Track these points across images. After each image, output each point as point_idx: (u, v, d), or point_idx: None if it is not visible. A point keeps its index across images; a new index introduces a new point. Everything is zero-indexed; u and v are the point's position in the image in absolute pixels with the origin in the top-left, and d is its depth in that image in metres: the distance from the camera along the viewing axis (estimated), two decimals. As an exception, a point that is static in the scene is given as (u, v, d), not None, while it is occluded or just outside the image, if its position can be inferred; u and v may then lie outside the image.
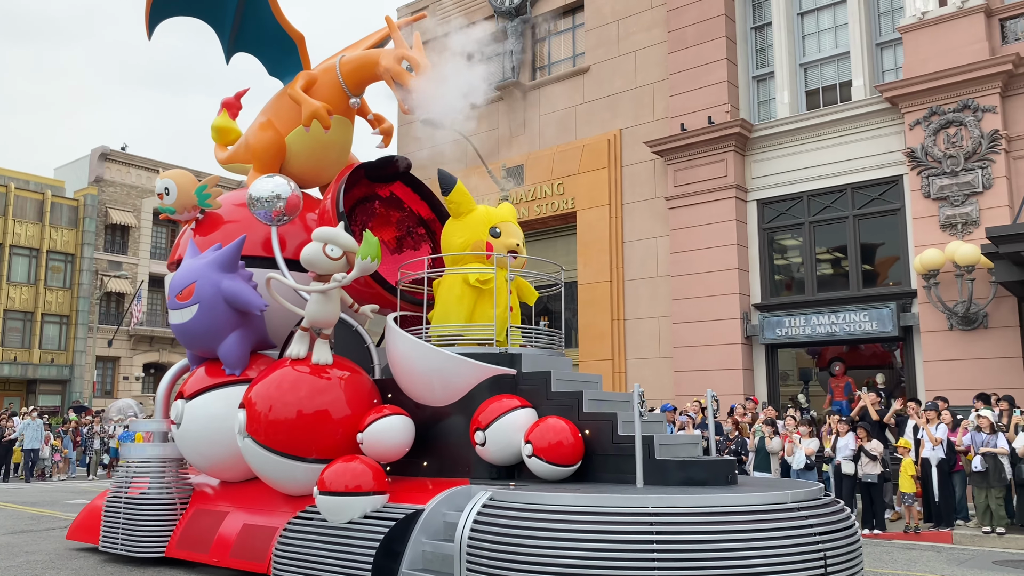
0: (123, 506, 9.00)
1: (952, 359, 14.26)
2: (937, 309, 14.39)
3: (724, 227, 17.22)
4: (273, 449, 7.52)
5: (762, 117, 17.97)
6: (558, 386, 7.48)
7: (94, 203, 39.00)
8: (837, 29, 17.27)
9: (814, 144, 16.69)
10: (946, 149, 14.65)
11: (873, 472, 11.84)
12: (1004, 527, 11.13)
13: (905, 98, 15.16)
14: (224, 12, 9.65)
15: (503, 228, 8.35)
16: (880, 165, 15.88)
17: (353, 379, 7.94)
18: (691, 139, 17.64)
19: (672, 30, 18.69)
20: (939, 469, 11.79)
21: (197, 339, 8.66)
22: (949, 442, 11.86)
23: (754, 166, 17.53)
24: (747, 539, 5.51)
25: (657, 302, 18.17)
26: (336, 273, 7.76)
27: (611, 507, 5.74)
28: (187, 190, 9.20)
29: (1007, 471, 11.18)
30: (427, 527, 6.68)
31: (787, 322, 16.41)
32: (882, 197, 15.97)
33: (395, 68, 8.70)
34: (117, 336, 38.56)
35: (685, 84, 18.21)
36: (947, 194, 14.58)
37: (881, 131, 15.91)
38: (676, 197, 17.99)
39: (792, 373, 17.54)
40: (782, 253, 17.52)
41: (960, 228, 14.38)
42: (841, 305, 15.92)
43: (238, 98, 10.96)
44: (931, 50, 15.04)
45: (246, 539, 7.91)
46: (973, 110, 14.48)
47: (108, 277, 38.54)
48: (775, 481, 8.19)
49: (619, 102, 19.63)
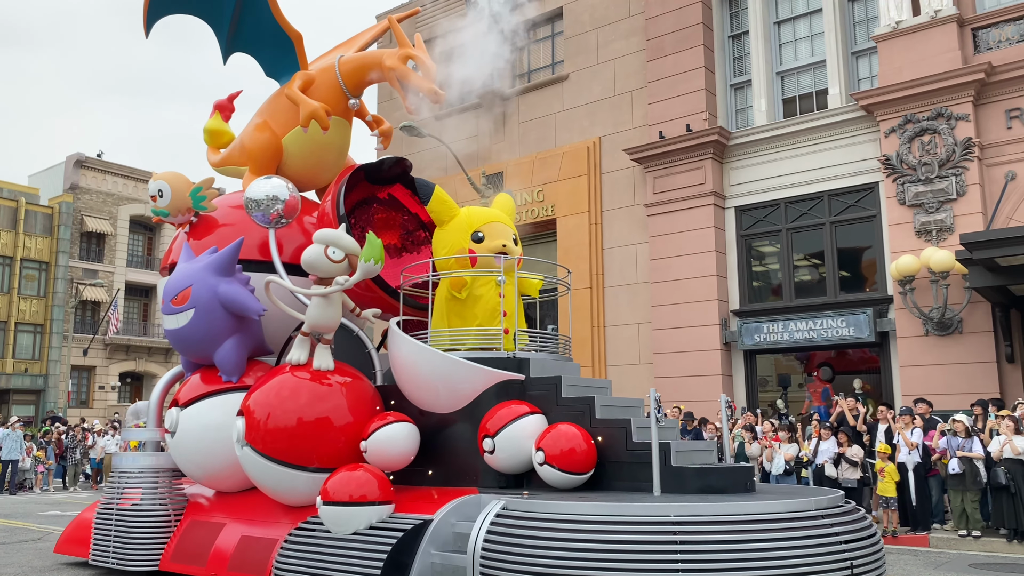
0: (114, 518, 8.67)
1: (928, 364, 14.41)
2: (913, 315, 14.54)
3: (702, 234, 17.32)
4: (273, 458, 7.30)
5: (740, 125, 18.11)
6: (568, 392, 7.28)
7: (69, 210, 38.56)
8: (813, 38, 17.46)
9: (791, 152, 16.85)
10: (921, 156, 14.83)
11: (853, 477, 11.93)
12: (980, 530, 11.24)
13: (880, 106, 15.34)
14: (222, 10, 9.41)
15: (487, 230, 8.08)
16: (856, 172, 16.05)
17: (355, 385, 7.72)
18: (669, 147, 17.74)
19: (650, 38, 18.80)
20: (915, 473, 11.90)
21: (193, 345, 8.41)
22: (924, 446, 11.97)
23: (732, 173, 17.66)
24: (774, 548, 5.36)
25: (637, 309, 18.23)
26: (338, 276, 7.54)
27: (633, 516, 5.57)
28: (181, 192, 8.93)
29: (983, 475, 11.30)
30: (436, 538, 6.47)
31: (765, 328, 16.52)
32: (858, 204, 16.13)
33: (401, 68, 8.52)
34: (92, 345, 38.11)
35: (663, 92, 18.32)
36: (922, 201, 14.75)
37: (857, 139, 16.09)
38: (655, 204, 18.08)
39: (771, 379, 17.65)
40: (760, 260, 17.65)
41: (935, 234, 14.56)
42: (819, 311, 16.05)
43: (231, 100, 10.68)
44: (905, 59, 15.23)
45: (244, 552, 7.64)
46: (947, 118, 14.68)
47: (83, 285, 38.09)
48: (791, 488, 7.97)
49: (598, 110, 19.72)
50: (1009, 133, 14.42)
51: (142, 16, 9.35)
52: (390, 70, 8.66)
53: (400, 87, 8.75)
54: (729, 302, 17.31)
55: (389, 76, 8.72)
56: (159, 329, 40.96)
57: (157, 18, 9.47)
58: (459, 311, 8.02)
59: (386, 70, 8.72)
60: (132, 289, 40.94)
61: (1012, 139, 14.38)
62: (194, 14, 9.64)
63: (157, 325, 41.08)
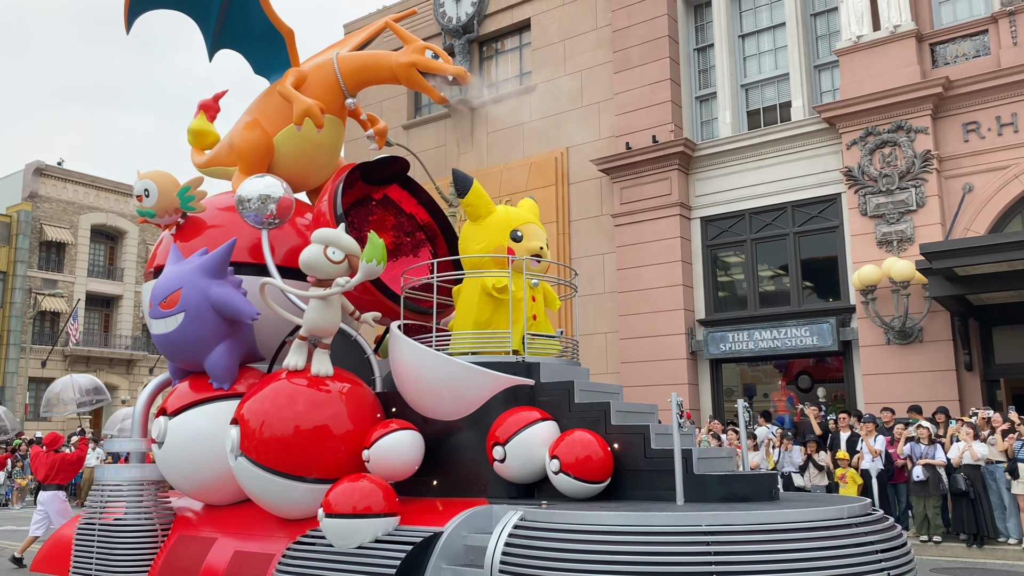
0: (97, 533, 8.24)
1: (889, 372, 14.63)
2: (875, 324, 14.76)
3: (669, 244, 17.45)
4: (269, 468, 6.97)
5: (705, 136, 18.30)
6: (581, 397, 6.98)
7: (28, 219, 37.80)
8: (777, 51, 17.72)
9: (755, 163, 17.06)
10: (881, 168, 15.10)
11: (821, 484, 12.05)
12: (940, 536, 11.40)
13: (842, 119, 15.61)
14: (209, 6, 9.08)
15: (525, 230, 7.77)
16: (819, 184, 16.30)
17: (355, 392, 7.39)
18: (636, 158, 17.87)
19: (617, 50, 18.96)
20: (879, 480, 12.05)
21: (182, 350, 8.03)
22: (887, 453, 12.14)
23: (697, 184, 17.83)
24: (812, 557, 5.14)
25: (604, 318, 18.29)
26: (338, 278, 7.18)
27: (662, 527, 5.30)
28: (168, 192, 8.52)
29: (944, 481, 11.47)
30: (447, 551, 6.12)
31: (731, 337, 16.66)
32: (821, 215, 16.37)
33: (422, 59, 8.31)
34: (51, 356, 37.32)
35: (630, 103, 18.47)
36: (883, 212, 15.01)
37: (820, 150, 16.34)
38: (622, 215, 18.18)
39: (736, 389, 17.79)
40: (725, 270, 17.82)
41: (896, 245, 14.81)
42: (783, 320, 16.23)
43: (216, 100, 10.28)
44: (866, 73, 15.52)
45: (238, 568, 7.25)
46: (906, 131, 14.97)
47: (42, 295, 37.32)
48: (813, 496, 7.68)
49: (566, 120, 19.80)
50: (966, 146, 14.74)
51: (123, 12, 9.04)
52: (410, 65, 8.40)
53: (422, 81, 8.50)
54: (695, 311, 17.45)
55: (407, 72, 8.46)
56: (121, 340, 40.25)
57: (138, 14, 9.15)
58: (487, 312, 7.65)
59: (403, 67, 8.47)
60: (93, 299, 40.18)
61: (969, 152, 14.69)
62: (178, 9, 9.27)
63: (119, 336, 40.36)
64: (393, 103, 22.69)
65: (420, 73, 8.59)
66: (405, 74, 8.58)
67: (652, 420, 7.34)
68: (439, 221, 9.70)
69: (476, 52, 22.19)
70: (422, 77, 8.57)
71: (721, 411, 16.92)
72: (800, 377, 16.68)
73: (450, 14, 22.05)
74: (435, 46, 8.53)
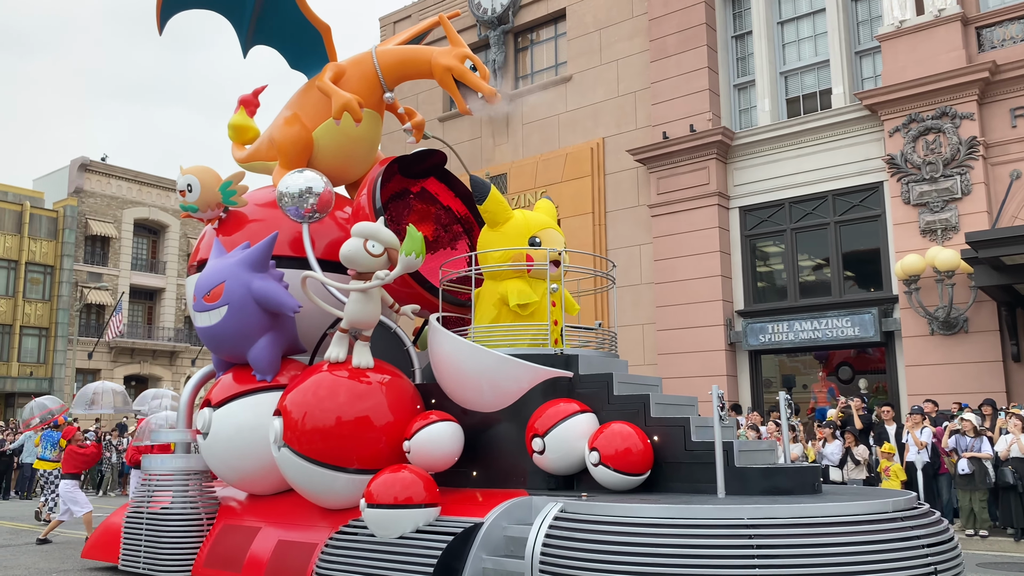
0: (145, 522, 8.42)
1: (934, 363, 14.38)
2: (918, 314, 14.50)
3: (707, 234, 17.30)
4: (312, 459, 7.07)
5: (743, 125, 18.09)
6: (620, 389, 7.00)
7: (74, 214, 38.61)
8: (816, 38, 17.44)
9: (795, 151, 16.82)
10: (925, 156, 14.81)
11: (859, 477, 11.90)
12: (987, 530, 11.20)
13: (884, 105, 15.32)
14: (243, 3, 9.18)
15: (543, 236, 7.84)
16: (860, 172, 16.03)
17: (395, 383, 7.48)
18: (673, 147, 17.72)
19: (654, 39, 18.80)
20: (924, 472, 11.86)
21: (226, 343, 8.17)
22: (933, 445, 11.94)
23: (736, 173, 17.64)
24: (855, 551, 5.09)
25: (641, 309, 18.20)
26: (378, 271, 7.27)
27: (704, 519, 5.28)
28: (211, 187, 8.71)
29: (991, 474, 11.26)
30: (487, 542, 6.17)
31: (770, 328, 16.49)
32: (863, 203, 16.10)
33: (459, 67, 8.39)
34: (97, 348, 38.15)
35: (667, 93, 18.31)
36: (927, 200, 14.72)
37: (861, 138, 16.06)
38: (659, 205, 18.06)
39: (775, 380, 17.61)
40: (764, 260, 17.62)
41: (940, 234, 14.52)
42: (823, 311, 16.02)
43: (255, 95, 10.37)
44: (909, 58, 15.21)
45: (282, 557, 7.38)
46: (951, 117, 14.65)
47: (88, 289, 38.13)
48: (857, 490, 7.63)
49: (602, 111, 19.71)
50: (1014, 132, 14.39)
51: (155, 13, 9.15)
52: (447, 69, 8.45)
53: (454, 86, 8.54)
54: (734, 302, 17.29)
55: (443, 75, 8.51)
56: (164, 332, 41.01)
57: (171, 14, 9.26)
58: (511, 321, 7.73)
59: (440, 68, 8.51)
60: (136, 292, 40.96)
61: (1017, 137, 14.34)
62: (211, 8, 9.37)
63: (162, 328, 41.12)
64: (428, 96, 22.75)
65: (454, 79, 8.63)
66: (441, 76, 8.62)
67: (692, 412, 7.31)
68: (476, 214, 9.73)
69: (511, 43, 22.16)
70: (455, 84, 8.60)
71: (760, 403, 16.76)
72: (841, 368, 16.46)
73: (485, 6, 22.03)
74: (477, 58, 8.52)
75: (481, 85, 8.33)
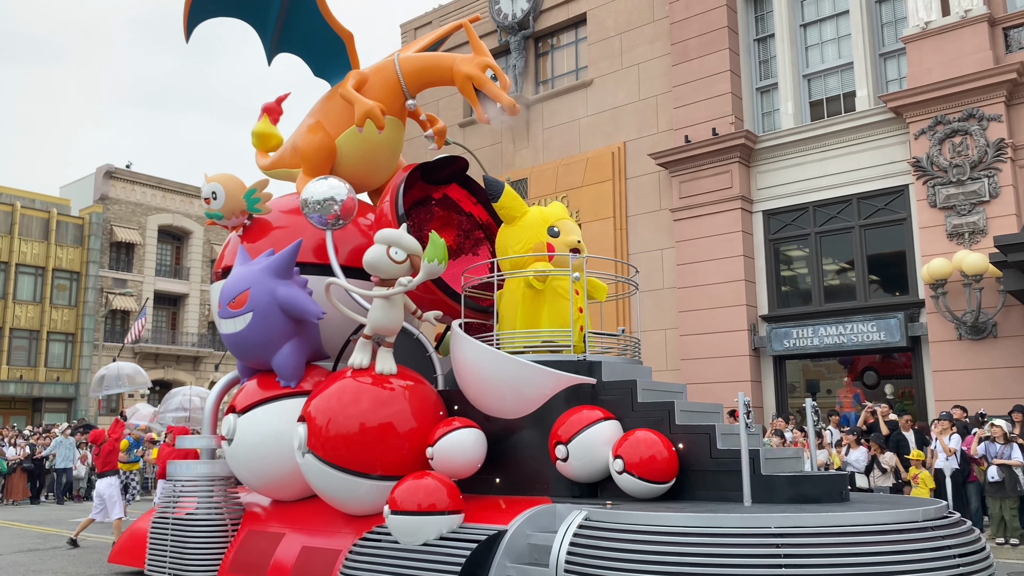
0: (170, 527, 8.46)
1: (961, 369, 14.18)
2: (945, 319, 14.32)
3: (730, 238, 17.19)
4: (336, 465, 7.08)
5: (766, 128, 17.97)
6: (644, 396, 6.95)
7: (99, 221, 39.09)
8: (840, 40, 17.30)
9: (819, 155, 16.68)
10: (952, 158, 14.63)
11: (885, 484, 11.75)
12: (1018, 538, 11.02)
13: (909, 108, 15.15)
14: (267, 12, 9.24)
15: (561, 226, 7.86)
16: (885, 175, 15.86)
17: (418, 390, 7.48)
18: (695, 151, 17.64)
19: (675, 43, 18.73)
20: (953, 480, 11.69)
21: (251, 349, 8.20)
22: (963, 452, 11.77)
23: (759, 177, 17.52)
24: (885, 561, 5.02)
25: (663, 314, 18.11)
26: (400, 277, 7.30)
27: (730, 528, 5.24)
28: (235, 194, 8.77)
29: (1021, 482, 11.08)
30: (511, 550, 6.15)
31: (795, 333, 16.35)
32: (888, 207, 15.93)
33: (480, 76, 8.38)
34: (122, 353, 38.54)
35: (689, 96, 18.23)
36: (953, 203, 14.54)
37: (886, 141, 15.90)
38: (681, 209, 17.97)
39: (799, 385, 17.45)
40: (788, 264, 17.48)
41: (967, 237, 14.34)
42: (849, 316, 15.86)
43: (279, 103, 10.42)
44: (935, 59, 15.04)
45: (306, 563, 7.39)
46: (978, 119, 14.46)
47: (113, 295, 38.56)
48: (886, 498, 7.55)
49: (623, 115, 19.65)
50: (1043, 133, 14.18)
51: (182, 21, 9.23)
52: (467, 77, 8.45)
53: (474, 95, 8.53)
54: (758, 307, 17.16)
55: (463, 83, 8.50)
56: (187, 337, 41.38)
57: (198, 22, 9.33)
58: (533, 308, 7.70)
59: (461, 76, 8.51)
60: (160, 298, 41.38)
61: (1046, 139, 14.13)
62: (236, 16, 9.43)
63: (185, 333, 41.49)
64: (449, 101, 22.80)
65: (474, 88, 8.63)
66: (461, 84, 8.62)
67: (718, 420, 7.24)
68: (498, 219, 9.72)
69: (532, 48, 22.16)
70: (475, 92, 8.60)
71: (785, 408, 16.61)
72: (866, 373, 16.28)
73: (505, 11, 22.06)
74: (497, 67, 8.51)
75: (501, 96, 8.32)
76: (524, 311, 7.75)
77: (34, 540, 12.70)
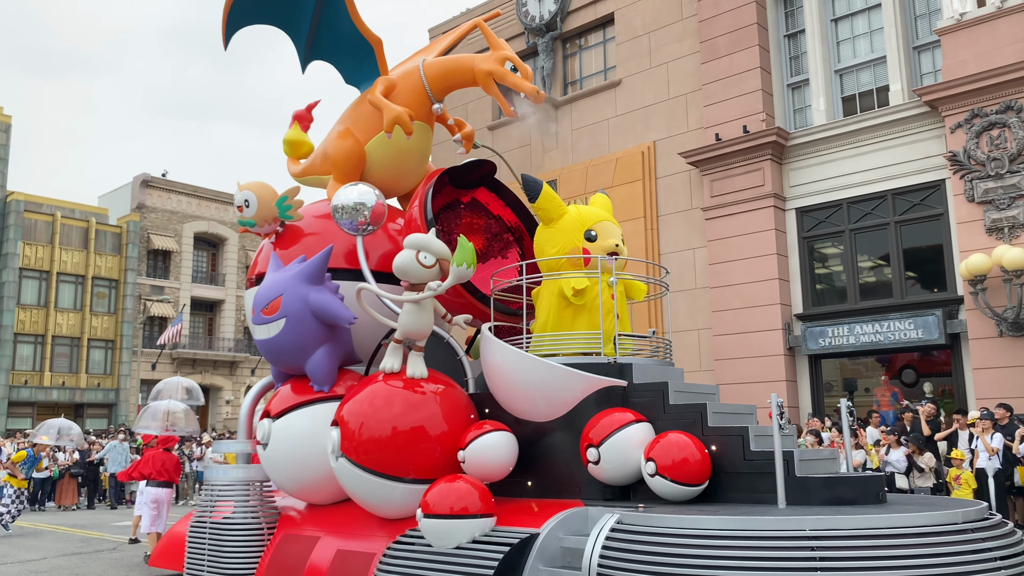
0: (208, 531, 8.57)
1: (1002, 366, 13.89)
2: (985, 315, 14.04)
3: (763, 237, 17.02)
4: (369, 469, 7.11)
5: (798, 125, 17.77)
6: (676, 398, 6.92)
7: (136, 229, 39.78)
8: (872, 34, 17.05)
9: (852, 151, 16.46)
10: (989, 151, 14.35)
11: (925, 485, 11.55)
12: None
13: (945, 101, 14.89)
14: (301, 19, 9.32)
15: (599, 229, 7.78)
16: (921, 170, 15.60)
17: (449, 393, 7.51)
18: (726, 149, 17.49)
19: (704, 40, 18.60)
20: (995, 480, 11.45)
21: (284, 355, 8.28)
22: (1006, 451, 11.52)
23: (791, 174, 17.33)
24: (924, 564, 4.92)
25: (696, 314, 17.98)
26: (430, 282, 7.31)
27: (765, 531, 5.17)
28: (267, 202, 8.88)
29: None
30: (543, 553, 6.13)
31: (830, 332, 16.14)
32: (924, 202, 15.67)
33: (500, 70, 8.40)
34: (160, 360, 39.19)
35: (719, 94, 18.09)
36: (992, 197, 14.26)
37: (921, 135, 15.64)
38: (713, 208, 17.83)
39: (836, 383, 17.22)
40: (823, 262, 17.26)
41: (1007, 231, 14.05)
42: (885, 313, 15.62)
43: (309, 110, 10.52)
44: (970, 52, 14.76)
45: (341, 566, 7.42)
46: (1016, 111, 14.17)
47: (151, 302, 39.22)
48: (924, 499, 7.43)
49: (652, 114, 19.56)
50: (1084, 124, 13.85)
51: (221, 28, 9.35)
52: (488, 73, 8.47)
53: (497, 90, 8.55)
54: (792, 306, 16.96)
55: (485, 80, 8.53)
56: (224, 343, 41.95)
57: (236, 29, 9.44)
58: (566, 315, 7.67)
59: (482, 74, 8.54)
60: (197, 304, 41.99)
61: (1088, 130, 13.81)
62: (272, 24, 9.49)
63: (222, 339, 42.05)
64: (478, 105, 22.86)
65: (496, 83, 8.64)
66: (483, 81, 8.64)
67: (751, 421, 7.16)
68: (527, 222, 9.72)
69: (560, 49, 22.15)
70: (497, 87, 8.60)
71: (821, 408, 16.40)
72: (904, 371, 16.02)
73: (533, 13, 22.07)
74: (517, 58, 8.51)
75: (522, 84, 8.29)
76: (557, 319, 7.73)
77: (77, 544, 12.95)
